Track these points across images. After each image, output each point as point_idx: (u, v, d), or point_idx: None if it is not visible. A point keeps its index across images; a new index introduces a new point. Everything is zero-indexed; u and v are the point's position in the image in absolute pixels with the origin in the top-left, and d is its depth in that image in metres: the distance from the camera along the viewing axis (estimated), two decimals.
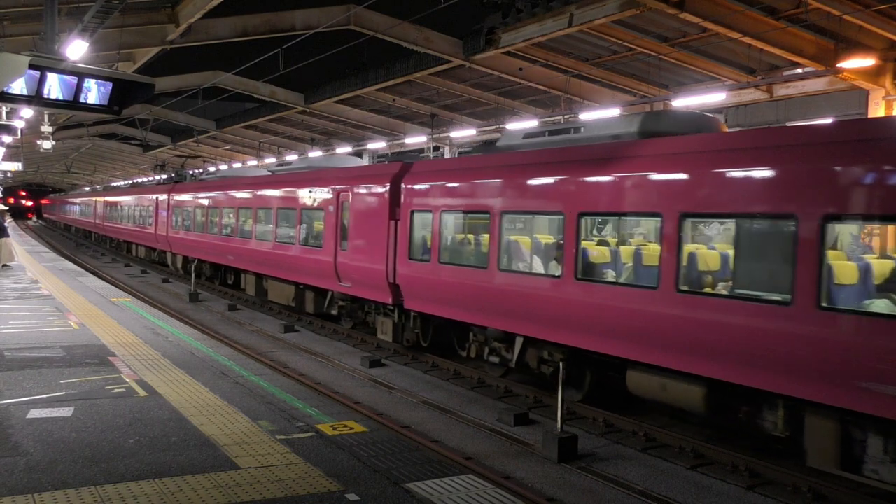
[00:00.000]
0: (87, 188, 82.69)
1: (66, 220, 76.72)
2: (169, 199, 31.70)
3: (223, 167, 48.65)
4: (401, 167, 15.56)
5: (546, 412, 12.10)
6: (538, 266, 12.09)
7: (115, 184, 73.93)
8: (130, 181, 61.43)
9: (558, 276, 11.33)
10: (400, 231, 15.00)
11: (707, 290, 9.67)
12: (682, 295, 9.57)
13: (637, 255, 10.68)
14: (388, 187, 15.47)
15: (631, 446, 10.68)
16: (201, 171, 38.28)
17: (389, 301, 15.37)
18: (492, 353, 13.41)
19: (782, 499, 8.91)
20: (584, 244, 11.19)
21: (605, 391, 12.14)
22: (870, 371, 7.66)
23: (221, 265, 27.31)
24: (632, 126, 11.52)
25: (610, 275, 10.94)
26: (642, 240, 11.69)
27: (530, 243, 12.44)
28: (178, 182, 34.48)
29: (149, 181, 46.64)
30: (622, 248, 11.17)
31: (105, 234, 49.95)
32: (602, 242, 11.76)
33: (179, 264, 31.53)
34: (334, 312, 19.01)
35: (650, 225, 11.15)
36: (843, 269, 8.32)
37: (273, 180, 21.91)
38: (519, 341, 12.57)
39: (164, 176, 44.77)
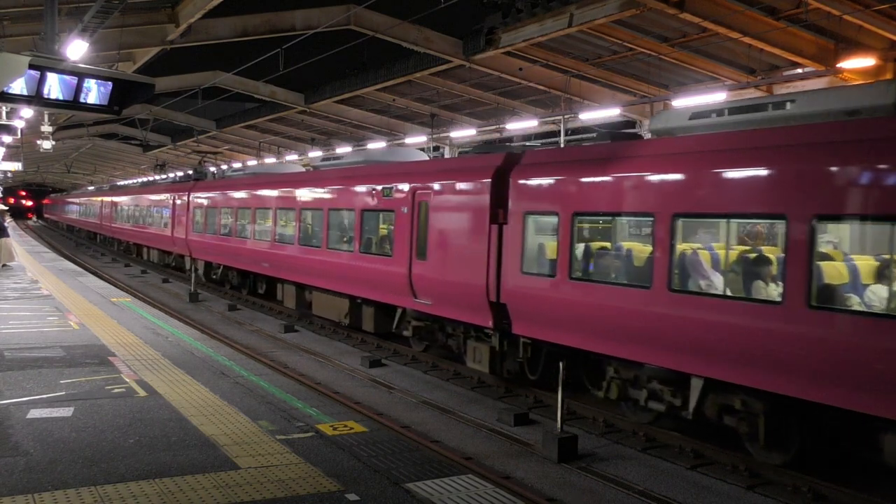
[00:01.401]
0: (91, 187, 78.09)
1: (68, 220, 74.16)
2: (189, 198, 28.91)
3: (236, 165, 45.83)
4: (505, 158, 12.76)
5: (546, 412, 12.09)
6: (737, 287, 9.26)
7: (122, 182, 70.65)
8: (140, 180, 58.02)
9: (776, 302, 8.57)
10: (507, 238, 12.20)
11: None
12: None
13: None
14: (489, 183, 12.60)
15: (631, 446, 10.68)
16: (223, 168, 35.02)
17: (489, 324, 12.61)
18: (651, 398, 10.59)
19: (782, 499, 8.91)
20: (820, 259, 8.40)
21: (822, 455, 9.58)
22: None
23: (251, 273, 24.58)
24: (887, 96, 8.52)
25: (864, 301, 8.24)
26: None
27: (725, 257, 9.54)
28: (198, 180, 31.39)
29: (162, 179, 43.16)
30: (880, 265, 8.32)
31: (112, 236, 47.35)
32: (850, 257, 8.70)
33: (201, 270, 28.51)
34: (406, 333, 15.95)
35: None
36: None
37: (321, 177, 19.23)
38: (697, 384, 9.78)
39: (181, 174, 41.22)
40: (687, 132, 10.49)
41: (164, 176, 50.41)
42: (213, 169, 36.22)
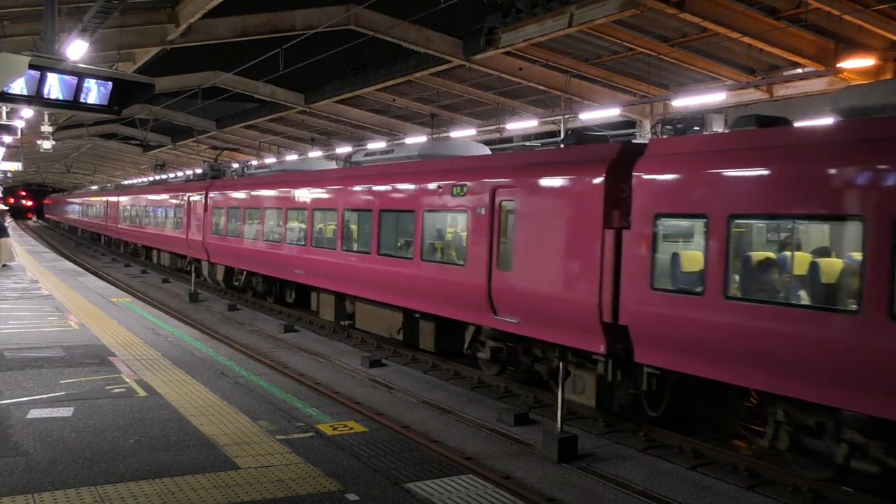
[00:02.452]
0: (95, 187, 75.46)
1: (70, 221, 71.71)
2: (206, 198, 26.48)
3: (253, 162, 42.81)
4: (620, 150, 10.72)
5: (546, 412, 12.09)
6: None
7: (129, 181, 67.57)
8: (149, 178, 53.96)
9: None
10: (630, 246, 10.12)
11: None
12: None
13: None
14: (602, 181, 10.51)
15: (631, 446, 10.67)
16: (246, 164, 32.27)
17: (600, 349, 10.60)
18: (853, 453, 8.42)
19: (782, 499, 8.91)
20: None
21: None
22: None
23: (279, 279, 22.47)
24: None
25: None
26: None
27: None
28: (215, 178, 28.98)
29: (174, 178, 40.82)
30: None
31: (119, 237, 45.16)
32: None
33: (220, 276, 26.31)
34: (482, 355, 13.72)
35: None
36: None
37: (369, 174, 16.83)
38: None
39: (198, 170, 38.64)
40: None
41: (175, 174, 49.05)
42: (235, 166, 33.59)
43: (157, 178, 52.01)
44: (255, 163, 39.64)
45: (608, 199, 10.47)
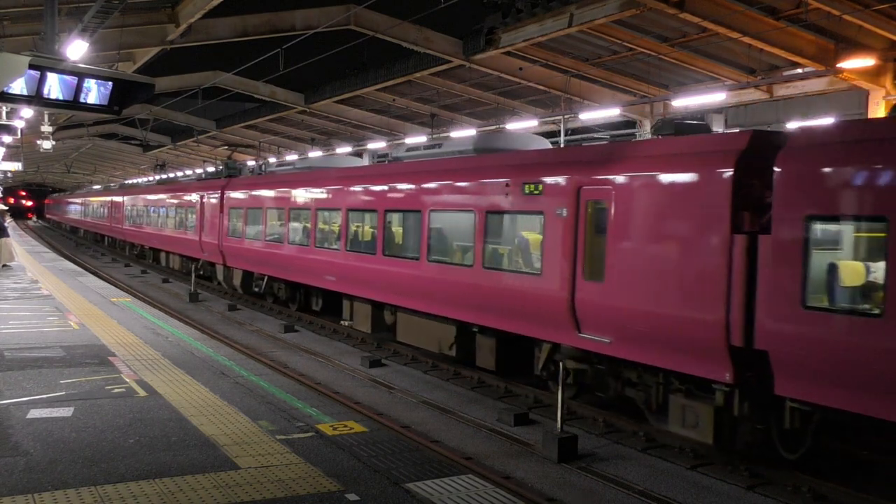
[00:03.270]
0: (98, 186, 73.56)
1: (72, 222, 69.47)
2: (222, 197, 24.78)
3: (272, 159, 41.05)
4: (751, 139, 9.08)
5: (546, 412, 12.09)
6: None
7: (135, 180, 64.74)
8: (158, 177, 52.31)
9: None
10: (769, 255, 8.50)
11: None
12: None
13: None
14: (730, 177, 8.92)
15: (631, 446, 10.67)
16: (261, 162, 30.31)
17: (726, 376, 8.98)
18: None
19: (782, 499, 8.90)
20: None
21: None
22: None
23: (305, 285, 20.71)
24: None
25: None
26: None
27: None
28: (231, 176, 27.31)
29: (183, 177, 38.87)
30: None
31: (124, 239, 43.17)
32: None
33: (237, 281, 24.55)
34: (547, 378, 12.21)
35: None
36: None
37: (415, 170, 15.16)
38: None
39: (210, 169, 36.35)
40: None
41: (185, 172, 47.93)
42: (251, 163, 31.79)
43: (166, 176, 50.56)
44: (273, 160, 37.65)
45: (737, 198, 8.81)
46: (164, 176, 51.59)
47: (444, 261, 13.75)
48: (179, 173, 47.17)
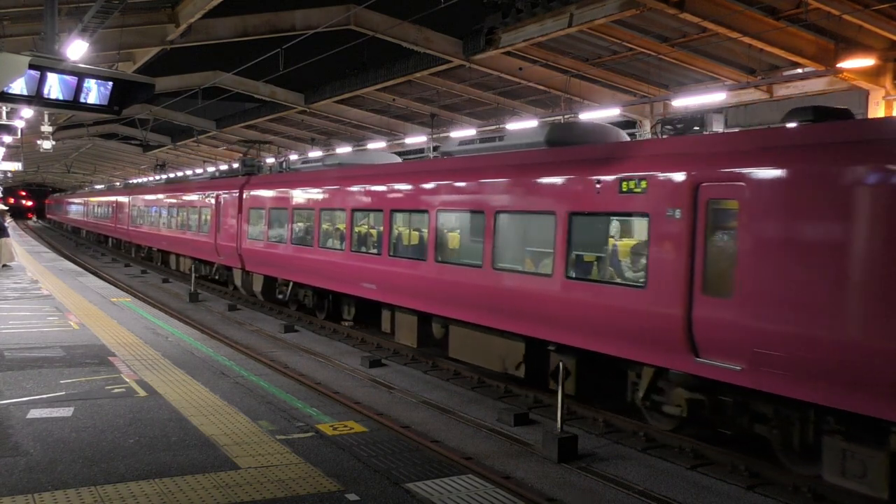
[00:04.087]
0: (101, 186, 71.73)
1: (74, 222, 68.03)
2: (241, 196, 23.23)
3: (293, 156, 38.22)
4: None
5: (546, 412, 12.09)
6: None
7: (140, 179, 62.61)
8: (167, 175, 50.20)
9: None
10: None
11: None
12: None
13: None
14: None
15: (631, 446, 10.67)
16: (282, 159, 27.99)
17: None
18: None
19: (782, 499, 8.91)
20: None
21: None
22: None
23: (336, 293, 19.00)
24: None
25: None
26: None
27: None
28: (250, 174, 25.70)
29: (194, 175, 36.84)
30: None
31: (130, 240, 41.41)
32: None
33: (258, 287, 22.95)
34: (669, 410, 10.29)
35: None
36: None
37: (473, 167, 13.46)
38: None
39: (223, 167, 34.07)
40: None
41: (195, 170, 45.93)
42: (270, 160, 29.85)
43: (174, 175, 49.20)
44: (295, 156, 35.54)
45: None
46: (172, 175, 50.43)
47: (514, 269, 12.13)
48: (182, 172, 46.53)
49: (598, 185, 10.61)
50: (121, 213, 42.63)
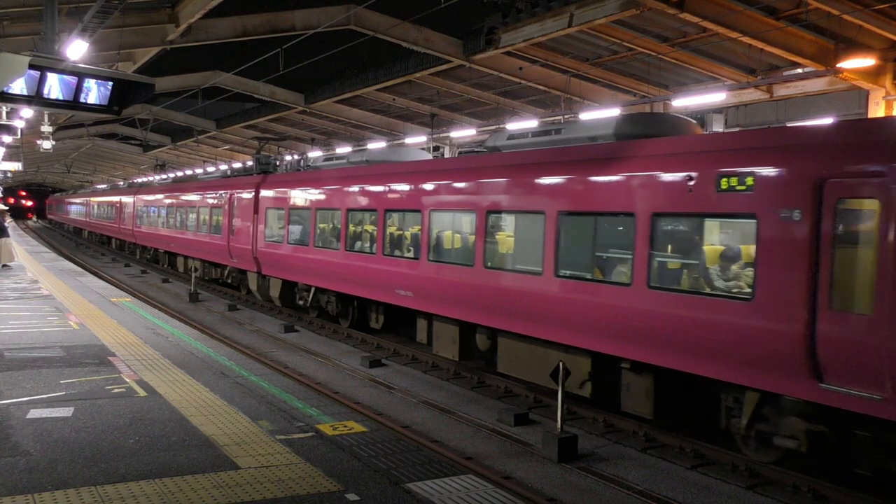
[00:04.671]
0: (104, 186, 69.20)
1: (76, 223, 66.54)
2: (257, 196, 21.99)
3: (314, 154, 34.77)
4: None
5: (546, 412, 12.10)
6: None
7: (145, 179, 60.14)
8: (174, 174, 48.44)
9: None
10: None
11: None
12: None
13: None
14: None
15: (631, 446, 10.68)
16: (300, 156, 26.68)
17: None
18: None
19: (782, 499, 8.91)
20: None
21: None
22: None
23: (363, 299, 17.94)
24: None
25: None
26: None
27: None
28: (266, 172, 24.52)
29: (204, 174, 35.44)
30: None
31: (136, 242, 39.98)
32: None
33: (276, 292, 21.63)
34: (784, 442, 9.03)
35: None
36: None
37: (527, 162, 12.26)
38: None
39: (236, 165, 32.44)
40: None
41: (205, 169, 45.01)
42: (287, 157, 28.28)
43: (184, 174, 47.69)
44: (314, 154, 34.21)
45: None
46: (178, 174, 49.10)
47: (581, 277, 10.92)
48: (184, 172, 46.04)
49: (690, 183, 9.36)
50: (125, 213, 41.39)
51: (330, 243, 17.85)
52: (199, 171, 46.53)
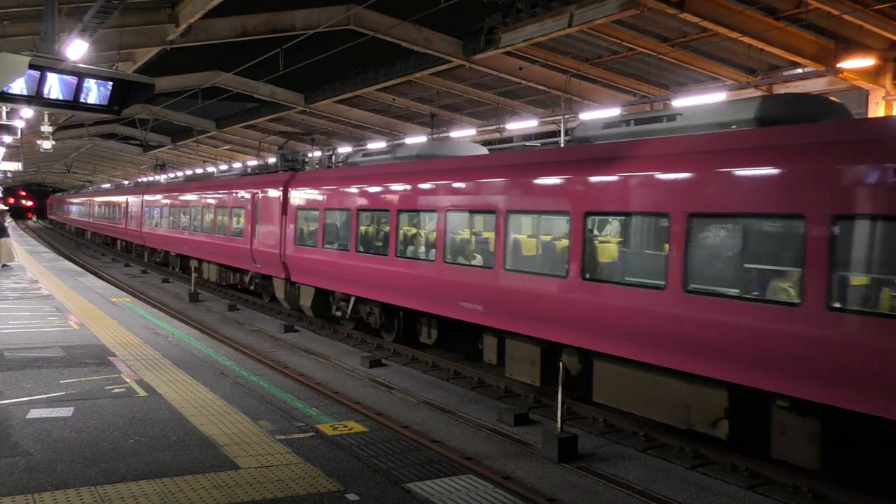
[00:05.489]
0: (108, 185, 67.54)
1: (78, 223, 64.43)
2: (285, 196, 20.22)
3: (344, 149, 33.39)
4: None
5: (546, 412, 12.09)
6: None
7: (155, 177, 55.47)
8: (185, 172, 45.77)
9: None
10: None
11: None
12: None
13: None
14: None
15: (631, 446, 10.68)
16: (328, 152, 24.17)
17: None
18: None
19: (782, 499, 8.91)
20: None
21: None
22: None
23: (412, 311, 15.74)
24: None
25: None
26: None
27: None
28: (294, 169, 22.77)
29: (220, 172, 33.28)
30: None
31: (145, 244, 37.65)
32: None
33: (307, 301, 19.72)
34: None
35: None
36: None
37: (640, 154, 10.40)
38: None
39: (252, 162, 30.48)
40: None
41: (217, 167, 43.19)
42: (316, 154, 25.95)
43: (196, 171, 44.73)
44: (345, 150, 31.68)
45: None
46: (189, 172, 46.41)
47: (720, 293, 9.06)
48: (224, 166, 44.98)
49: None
50: (133, 213, 39.17)
51: (376, 248, 15.94)
52: (211, 169, 44.96)
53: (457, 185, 13.74)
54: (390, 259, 15.27)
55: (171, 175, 46.62)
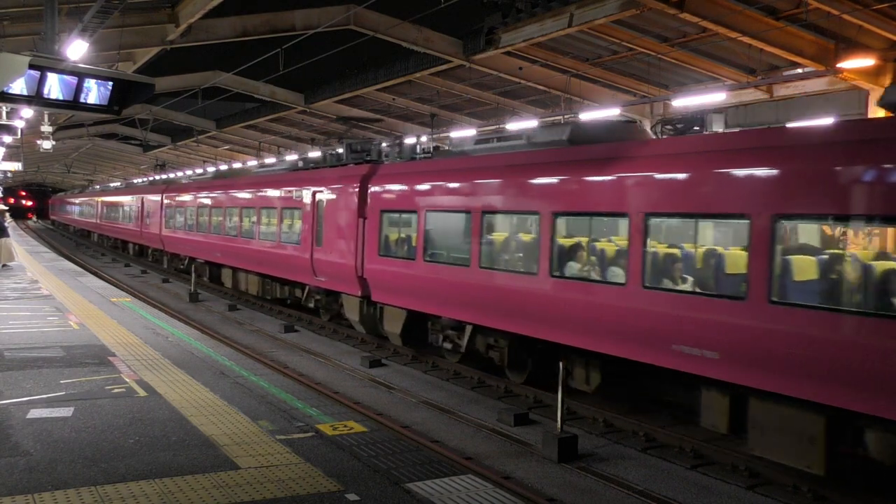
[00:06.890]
0: (117, 184, 62.80)
1: (83, 224, 60.28)
2: (364, 193, 16.29)
3: (454, 134, 27.27)
4: None
5: (546, 412, 12.09)
6: None
7: (170, 175, 48.32)
8: (214, 168, 41.35)
9: None
10: None
11: None
12: None
13: None
14: None
15: (631, 446, 10.67)
16: (414, 140, 20.01)
17: None
18: None
19: (782, 499, 8.91)
20: None
21: None
22: None
23: (540, 341, 11.98)
24: None
25: None
26: None
27: None
28: (371, 161, 17.96)
29: (262, 167, 29.39)
30: None
31: (164, 248, 33.36)
32: None
33: (394, 326, 15.68)
34: None
35: None
36: None
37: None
38: None
39: (316, 154, 25.37)
40: None
41: (245, 162, 40.88)
42: (384, 145, 19.65)
43: (232, 166, 39.99)
44: (450, 135, 27.19)
45: None
46: (226, 166, 41.69)
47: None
48: (193, 170, 44.66)
49: None
50: (150, 214, 34.73)
51: (515, 264, 12.19)
52: (224, 166, 40.53)
53: (660, 176, 9.63)
54: (541, 278, 11.36)
55: (199, 171, 41.31)
